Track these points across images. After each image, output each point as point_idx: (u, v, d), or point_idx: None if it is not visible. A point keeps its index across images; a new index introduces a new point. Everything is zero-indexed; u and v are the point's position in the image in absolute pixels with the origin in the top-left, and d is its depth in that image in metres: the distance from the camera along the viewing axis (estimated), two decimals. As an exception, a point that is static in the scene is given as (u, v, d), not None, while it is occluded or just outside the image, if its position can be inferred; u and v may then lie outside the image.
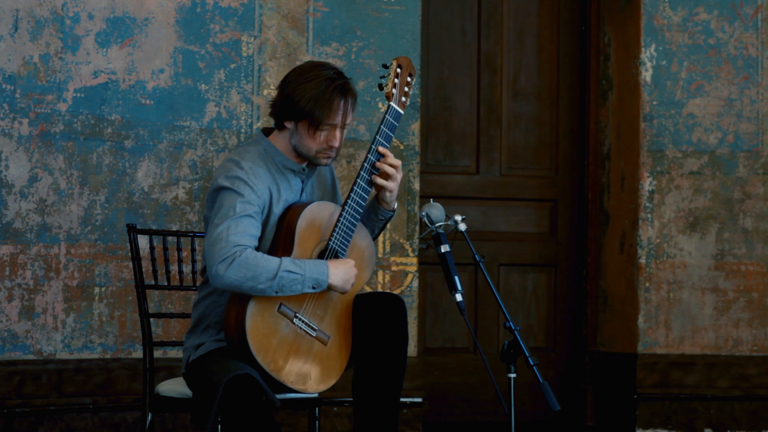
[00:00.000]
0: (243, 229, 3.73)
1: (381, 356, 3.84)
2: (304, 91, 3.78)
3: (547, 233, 6.62)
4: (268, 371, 3.71)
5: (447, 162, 6.44)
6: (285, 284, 3.71)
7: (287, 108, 3.82)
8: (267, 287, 3.69)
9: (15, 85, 5.25)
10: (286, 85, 3.84)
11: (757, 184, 6.30)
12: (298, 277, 3.72)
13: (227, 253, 3.68)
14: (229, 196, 3.77)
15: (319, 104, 3.77)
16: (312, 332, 3.81)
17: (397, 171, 3.91)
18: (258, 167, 3.84)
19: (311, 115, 3.78)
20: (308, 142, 3.84)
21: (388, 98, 3.91)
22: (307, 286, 3.74)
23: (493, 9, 6.54)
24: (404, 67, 3.95)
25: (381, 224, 4.04)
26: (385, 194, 3.95)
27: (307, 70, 3.84)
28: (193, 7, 5.62)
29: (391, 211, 4.02)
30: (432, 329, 6.39)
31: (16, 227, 5.24)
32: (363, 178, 3.88)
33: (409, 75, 3.97)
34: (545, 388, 3.77)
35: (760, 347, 6.27)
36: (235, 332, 3.72)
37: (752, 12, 6.31)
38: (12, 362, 5.23)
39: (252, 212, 3.77)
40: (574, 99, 6.63)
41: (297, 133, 3.85)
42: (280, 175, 3.90)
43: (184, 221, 5.56)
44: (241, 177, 3.78)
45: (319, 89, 3.77)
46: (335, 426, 5.76)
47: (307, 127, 3.81)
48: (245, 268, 3.68)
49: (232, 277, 3.68)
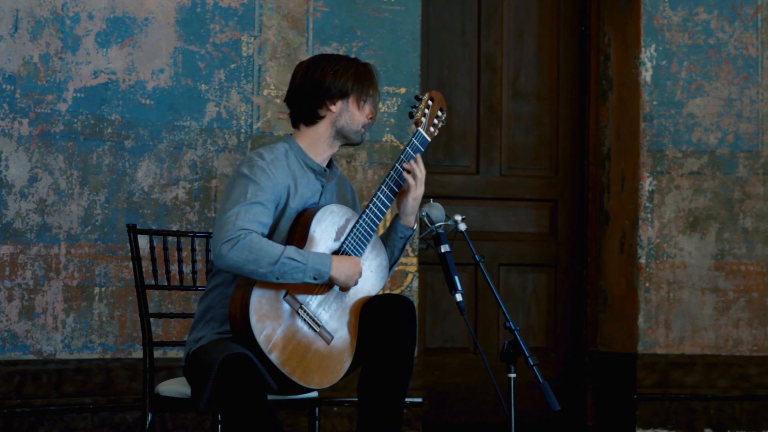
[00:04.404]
0: (252, 216, 3.79)
1: (388, 357, 3.85)
2: (344, 71, 3.96)
3: (547, 233, 6.63)
4: (266, 355, 3.72)
5: (447, 162, 6.44)
6: (286, 271, 3.75)
7: (332, 91, 3.95)
8: (268, 272, 3.73)
9: (15, 85, 5.25)
10: (318, 73, 3.97)
11: (757, 184, 6.30)
12: (300, 266, 3.76)
13: (232, 234, 3.74)
14: (245, 182, 3.84)
15: (360, 78, 3.97)
16: (316, 327, 3.83)
17: (422, 179, 4.01)
18: (280, 160, 3.92)
19: (360, 88, 3.97)
20: (358, 116, 3.98)
21: (417, 124, 4.05)
22: (308, 276, 3.78)
23: (493, 9, 6.55)
24: (436, 101, 4.10)
25: (401, 244, 4.09)
26: (407, 201, 4.01)
27: (326, 57, 4.02)
28: (193, 7, 5.62)
29: (411, 229, 4.08)
30: (432, 329, 6.39)
31: (16, 227, 5.24)
32: (383, 192, 3.97)
33: (440, 110, 4.11)
34: (545, 388, 3.77)
35: (760, 347, 6.27)
36: (239, 310, 3.75)
37: (752, 12, 6.31)
38: (12, 362, 5.23)
39: (263, 200, 3.83)
40: (574, 99, 6.63)
41: (347, 112, 3.98)
42: (302, 172, 3.96)
43: (184, 221, 5.56)
44: (260, 165, 3.86)
45: (354, 66, 3.98)
46: (335, 426, 5.76)
47: (356, 101, 3.97)
48: (248, 251, 3.73)
49: (234, 258, 3.73)
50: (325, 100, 3.95)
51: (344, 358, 3.88)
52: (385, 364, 3.86)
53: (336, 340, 3.87)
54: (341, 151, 5.81)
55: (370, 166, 5.85)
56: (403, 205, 4.04)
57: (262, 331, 3.73)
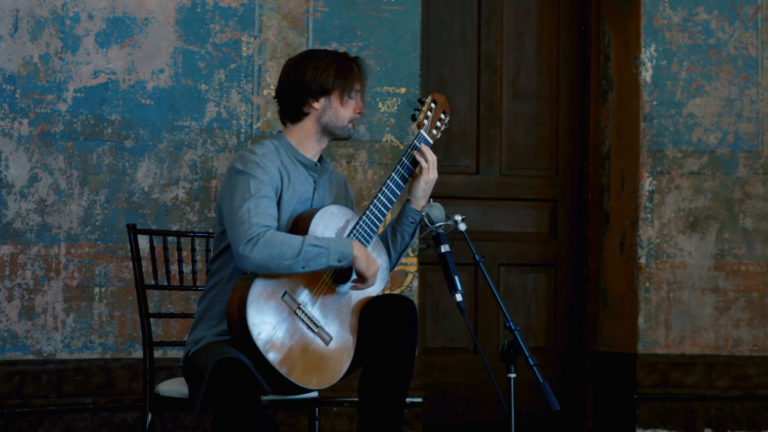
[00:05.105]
0: (263, 210, 3.80)
1: (389, 358, 3.85)
2: (326, 68, 3.95)
3: (547, 233, 6.63)
4: (262, 355, 3.72)
5: (447, 162, 6.43)
6: (310, 258, 3.76)
7: (313, 89, 3.95)
8: (294, 263, 3.75)
9: (15, 85, 5.25)
10: (300, 70, 3.97)
11: (757, 184, 6.30)
12: (323, 251, 3.78)
13: (251, 234, 3.75)
14: (245, 179, 3.84)
15: (343, 73, 3.96)
16: (314, 328, 3.82)
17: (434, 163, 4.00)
18: (271, 155, 3.93)
19: (343, 84, 3.95)
20: (343, 112, 3.97)
21: (419, 126, 4.05)
22: (332, 259, 3.79)
23: (493, 9, 6.55)
24: (439, 103, 4.11)
25: (411, 229, 4.08)
26: (419, 185, 4.01)
27: (310, 53, 4.02)
28: (193, 7, 5.62)
29: (422, 214, 4.06)
30: (432, 329, 6.39)
31: (16, 227, 5.24)
32: (384, 193, 3.96)
33: (443, 112, 4.12)
34: (545, 388, 3.77)
35: (760, 347, 6.27)
36: (236, 311, 3.75)
37: (752, 12, 6.31)
38: (12, 362, 5.23)
39: (267, 192, 3.84)
40: (574, 99, 6.63)
41: (330, 108, 3.97)
42: (293, 166, 3.97)
43: (184, 221, 5.56)
44: (253, 159, 3.87)
45: (338, 62, 3.97)
46: (335, 426, 5.76)
47: (339, 97, 3.96)
48: (270, 247, 3.73)
49: (258, 257, 3.73)
50: (307, 98, 3.96)
51: (343, 359, 3.87)
52: (386, 365, 3.86)
53: (335, 341, 3.86)
54: (341, 151, 5.81)
55: (370, 166, 5.85)
56: (415, 188, 4.03)
57: (259, 332, 3.73)
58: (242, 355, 3.72)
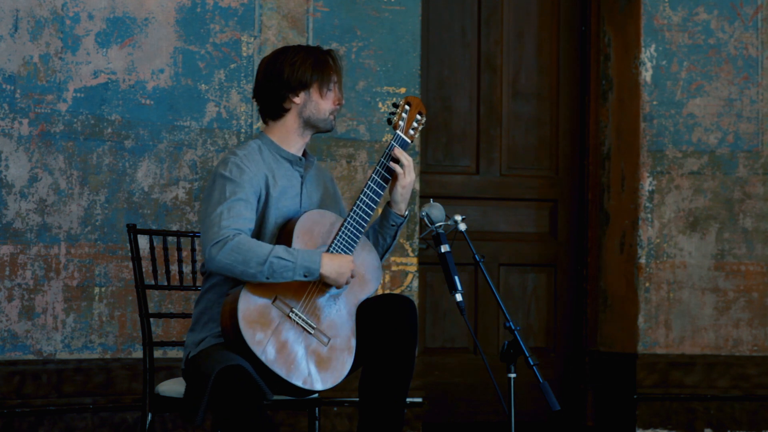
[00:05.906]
0: (236, 213, 3.81)
1: (389, 357, 3.86)
2: (303, 62, 3.98)
3: (547, 233, 6.62)
4: (261, 360, 3.72)
5: (447, 162, 6.44)
6: (276, 270, 3.75)
7: (291, 84, 3.97)
8: (257, 272, 3.74)
9: (15, 85, 5.25)
10: (277, 67, 3.99)
11: (757, 184, 6.30)
12: (289, 264, 3.77)
13: (221, 236, 3.76)
14: (222, 182, 3.86)
15: (320, 66, 3.99)
16: (310, 330, 3.82)
17: (409, 167, 4.00)
18: (253, 155, 3.94)
19: (321, 77, 3.98)
20: (323, 104, 4.00)
21: (395, 128, 4.06)
22: (298, 274, 3.78)
23: (493, 9, 6.54)
24: (413, 105, 4.11)
25: (393, 231, 4.08)
26: (396, 189, 4.01)
27: (284, 50, 4.05)
28: (193, 7, 5.62)
29: (402, 217, 4.07)
30: (432, 329, 6.39)
31: (16, 227, 5.24)
32: (366, 194, 3.95)
33: (418, 113, 4.12)
34: (545, 388, 3.77)
35: (760, 347, 6.27)
36: (229, 321, 3.75)
37: (752, 12, 6.31)
38: (12, 362, 5.23)
39: (243, 195, 3.84)
40: (574, 99, 6.63)
41: (311, 102, 3.99)
42: (277, 163, 3.98)
43: (184, 221, 5.56)
44: (233, 161, 3.89)
45: (313, 56, 4.00)
46: (335, 426, 5.76)
47: (318, 90, 3.98)
48: (237, 252, 3.74)
49: (223, 260, 3.75)
50: (287, 93, 3.98)
51: (344, 359, 3.87)
52: (387, 365, 3.86)
53: (333, 342, 3.86)
54: (341, 151, 5.81)
55: (370, 166, 5.85)
56: (393, 193, 4.04)
57: (254, 339, 3.72)
58: (244, 360, 3.71)
